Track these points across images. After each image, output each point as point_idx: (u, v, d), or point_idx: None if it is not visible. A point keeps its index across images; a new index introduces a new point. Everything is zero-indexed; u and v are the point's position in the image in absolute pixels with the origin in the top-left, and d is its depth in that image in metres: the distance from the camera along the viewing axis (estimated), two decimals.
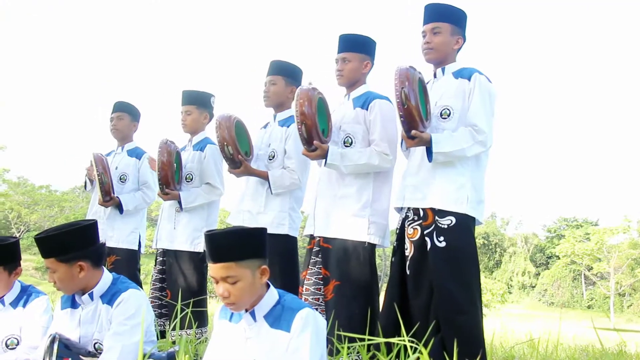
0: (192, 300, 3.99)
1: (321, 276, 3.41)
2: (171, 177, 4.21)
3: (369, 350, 3.03)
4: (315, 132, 3.24)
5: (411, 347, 2.44)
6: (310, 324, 2.07)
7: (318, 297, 3.40)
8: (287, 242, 3.81)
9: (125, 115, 4.90)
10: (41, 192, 42.80)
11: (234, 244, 2.08)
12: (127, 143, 4.94)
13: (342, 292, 3.30)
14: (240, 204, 3.98)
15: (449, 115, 3.11)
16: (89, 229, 2.61)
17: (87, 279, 2.57)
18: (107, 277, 2.64)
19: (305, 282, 3.47)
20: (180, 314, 3.53)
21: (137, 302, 2.55)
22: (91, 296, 2.60)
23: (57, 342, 2.48)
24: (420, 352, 1.82)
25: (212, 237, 2.10)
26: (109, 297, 2.59)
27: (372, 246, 3.40)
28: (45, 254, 2.51)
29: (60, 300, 2.74)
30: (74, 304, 2.67)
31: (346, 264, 3.34)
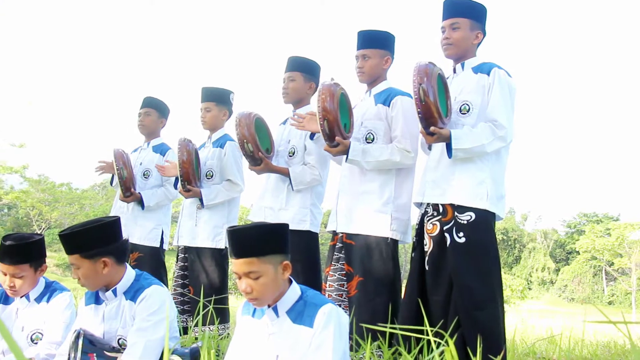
0: (214, 297, 4.01)
1: (344, 272, 3.42)
2: (192, 174, 4.23)
3: (390, 346, 3.04)
4: (337, 128, 3.25)
5: (435, 341, 2.44)
6: (333, 320, 2.07)
7: (341, 293, 3.41)
8: (309, 238, 3.82)
9: (153, 112, 4.88)
10: (62, 190, 43.21)
11: (257, 240, 2.09)
12: (154, 139, 4.93)
13: (366, 288, 3.31)
14: (261, 201, 3.99)
15: (468, 111, 3.10)
16: (113, 225, 2.63)
17: (111, 275, 2.59)
18: (130, 274, 2.66)
19: (329, 278, 3.48)
20: (203, 310, 3.55)
21: (160, 298, 2.57)
22: (114, 292, 2.62)
23: (82, 338, 2.50)
24: (445, 344, 1.82)
25: (235, 233, 2.11)
26: (132, 294, 2.60)
27: (395, 242, 3.40)
28: (69, 250, 2.54)
29: (85, 297, 2.77)
30: (97, 300, 2.69)
31: (369, 260, 3.34)
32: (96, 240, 2.53)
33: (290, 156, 3.90)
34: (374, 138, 3.45)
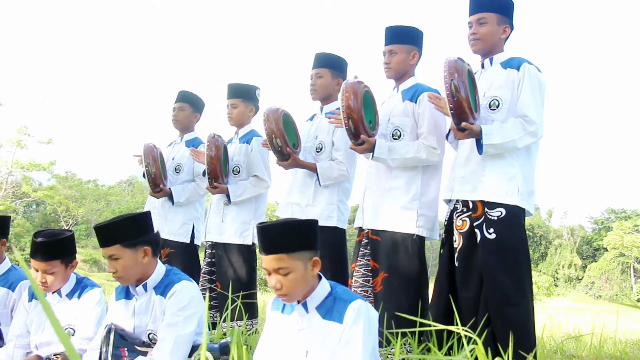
0: (242, 292, 4.03)
1: (370, 268, 3.41)
2: (220, 170, 4.24)
3: (420, 342, 3.03)
4: (361, 126, 3.24)
5: (466, 337, 2.43)
6: (363, 316, 2.07)
7: (367, 289, 3.41)
8: (336, 234, 3.81)
9: (187, 106, 4.86)
10: (88, 187, 43.78)
11: (286, 236, 2.10)
12: (187, 133, 4.90)
13: (391, 284, 3.30)
14: (289, 197, 3.99)
15: (497, 106, 3.07)
16: (145, 217, 2.70)
17: (147, 267, 2.62)
18: (160, 268, 2.69)
19: (354, 274, 3.48)
20: (231, 305, 3.57)
21: (190, 293, 2.58)
22: (145, 287, 2.64)
23: (113, 333, 2.53)
24: (474, 342, 1.81)
25: (265, 229, 2.11)
26: (162, 289, 2.63)
27: (421, 238, 3.39)
28: (109, 241, 2.56)
29: (115, 292, 2.80)
30: (128, 295, 2.72)
31: (395, 256, 3.33)
32: (136, 230, 2.60)
33: (317, 152, 3.90)
34: (400, 135, 3.43)
